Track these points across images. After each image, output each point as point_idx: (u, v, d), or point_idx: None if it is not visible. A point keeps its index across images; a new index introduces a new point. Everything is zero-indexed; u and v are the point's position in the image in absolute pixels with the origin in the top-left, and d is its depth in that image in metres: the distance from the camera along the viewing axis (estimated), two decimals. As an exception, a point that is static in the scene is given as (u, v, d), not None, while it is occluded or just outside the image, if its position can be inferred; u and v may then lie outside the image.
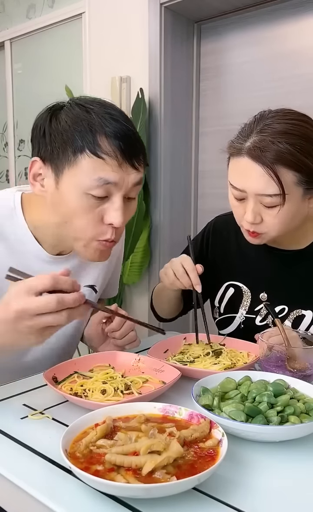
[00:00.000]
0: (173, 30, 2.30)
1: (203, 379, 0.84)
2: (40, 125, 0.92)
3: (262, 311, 1.16)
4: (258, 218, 1.00)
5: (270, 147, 0.94)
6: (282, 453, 0.70)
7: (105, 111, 0.90)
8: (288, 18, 2.11)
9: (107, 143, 0.88)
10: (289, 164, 0.94)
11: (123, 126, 0.89)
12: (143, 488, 0.55)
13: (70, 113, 0.90)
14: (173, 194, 2.43)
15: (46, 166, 0.92)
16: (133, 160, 0.91)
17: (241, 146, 0.98)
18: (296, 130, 0.96)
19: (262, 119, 1.00)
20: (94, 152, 0.87)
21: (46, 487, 0.61)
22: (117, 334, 1.03)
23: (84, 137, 0.87)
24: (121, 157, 0.88)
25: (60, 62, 2.74)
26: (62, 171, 0.90)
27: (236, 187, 1.00)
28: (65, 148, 0.88)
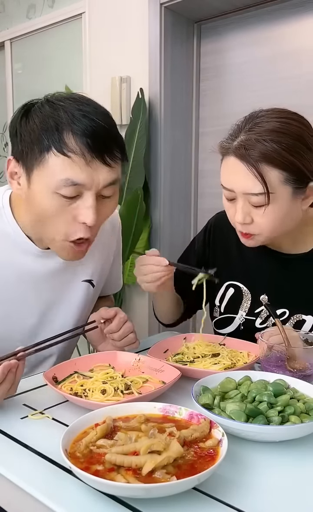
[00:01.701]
0: (173, 30, 2.30)
1: (203, 379, 0.84)
2: (12, 124, 0.93)
3: (263, 313, 1.16)
4: (247, 218, 1.00)
5: (255, 146, 0.94)
6: (282, 453, 0.70)
7: (76, 107, 0.88)
8: (288, 18, 2.11)
9: (74, 141, 0.86)
10: (274, 163, 0.93)
11: (93, 122, 0.87)
12: (143, 488, 0.55)
13: (39, 111, 0.89)
14: (173, 194, 2.43)
15: (19, 165, 0.92)
16: (105, 157, 0.88)
17: (229, 146, 0.99)
18: (284, 128, 0.95)
19: (251, 119, 1.00)
20: (60, 150, 0.86)
21: (46, 487, 0.61)
22: (116, 335, 1.03)
23: (50, 135, 0.86)
24: (89, 154, 0.86)
25: (60, 62, 2.74)
26: (32, 170, 0.90)
27: (225, 186, 1.01)
28: (32, 147, 0.88)
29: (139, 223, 2.27)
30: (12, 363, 0.80)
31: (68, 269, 1.11)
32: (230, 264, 1.22)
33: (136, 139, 2.28)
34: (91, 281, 1.16)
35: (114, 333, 1.03)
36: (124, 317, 1.04)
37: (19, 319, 1.08)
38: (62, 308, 1.13)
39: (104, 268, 1.21)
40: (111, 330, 1.03)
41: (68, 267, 1.10)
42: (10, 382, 0.80)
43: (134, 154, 2.29)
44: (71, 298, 1.13)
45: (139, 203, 2.24)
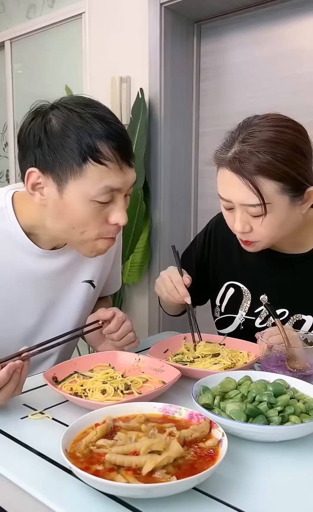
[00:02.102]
0: (173, 30, 2.30)
1: (203, 379, 0.84)
2: (34, 133, 0.91)
3: (262, 313, 1.16)
4: (247, 227, 1.00)
5: (249, 158, 0.93)
6: (282, 453, 0.70)
7: (94, 113, 0.90)
8: (288, 18, 2.11)
9: (107, 148, 0.89)
10: (269, 175, 0.93)
11: (115, 127, 0.91)
12: (143, 488, 0.55)
13: (63, 119, 0.89)
14: (173, 194, 2.43)
15: (45, 176, 0.92)
16: (130, 159, 0.93)
17: (223, 157, 0.98)
18: (278, 138, 0.94)
19: (245, 127, 0.99)
20: (97, 160, 0.88)
21: (46, 487, 0.61)
22: (115, 335, 1.03)
23: (83, 145, 0.88)
24: (121, 160, 0.90)
25: (60, 62, 2.74)
26: (66, 180, 0.90)
27: (222, 197, 1.01)
28: (65, 158, 0.88)
29: (139, 223, 2.27)
30: (17, 364, 0.80)
31: (69, 270, 1.11)
32: (231, 264, 1.22)
33: (136, 139, 2.28)
34: (92, 282, 1.16)
35: (113, 333, 1.03)
36: (122, 316, 1.04)
37: (20, 319, 1.08)
38: (63, 309, 1.13)
39: (105, 269, 1.21)
40: (110, 330, 1.03)
41: (69, 268, 1.10)
42: (16, 383, 0.80)
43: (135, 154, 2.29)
44: (72, 298, 1.13)
45: (139, 203, 2.24)
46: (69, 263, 1.09)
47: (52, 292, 1.10)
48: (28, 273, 1.05)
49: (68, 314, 1.14)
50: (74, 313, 1.14)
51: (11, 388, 0.80)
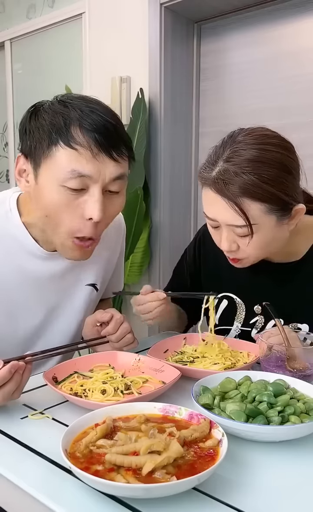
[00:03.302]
0: (173, 30, 2.30)
1: (203, 379, 0.84)
2: (22, 123, 0.93)
3: (258, 323, 1.15)
4: (233, 245, 0.99)
5: (234, 180, 0.91)
6: (282, 453, 0.70)
7: (85, 104, 0.90)
8: (288, 18, 2.11)
9: (82, 135, 0.87)
10: (254, 196, 0.91)
11: (101, 118, 0.89)
12: (143, 488, 0.55)
13: (49, 109, 0.91)
14: (173, 194, 2.43)
15: (28, 161, 0.93)
16: (112, 151, 0.89)
17: (207, 176, 0.96)
18: (263, 157, 0.91)
19: (229, 143, 0.96)
20: (67, 143, 0.87)
21: (46, 487, 0.61)
22: (114, 337, 1.03)
23: (58, 129, 0.88)
24: (96, 148, 0.88)
25: (60, 62, 2.74)
26: (39, 164, 0.91)
27: (208, 216, 0.99)
28: (41, 142, 0.89)
29: (139, 223, 2.27)
30: (20, 364, 0.80)
31: (73, 273, 1.10)
32: (222, 275, 1.21)
33: (136, 139, 2.28)
34: (95, 285, 1.16)
35: (112, 335, 1.03)
36: (120, 318, 1.03)
37: (22, 321, 1.08)
38: (65, 312, 1.12)
39: (108, 273, 1.21)
40: (108, 332, 1.03)
41: (73, 271, 1.10)
42: (16, 384, 0.79)
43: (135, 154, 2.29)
44: (75, 301, 1.13)
45: (139, 203, 2.24)
46: (73, 266, 1.09)
47: (55, 295, 1.10)
48: (32, 275, 1.04)
49: (70, 317, 1.14)
50: (76, 317, 1.14)
51: (11, 388, 0.79)
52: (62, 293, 1.11)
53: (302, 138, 2.18)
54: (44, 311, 1.09)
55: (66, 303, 1.12)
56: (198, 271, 1.27)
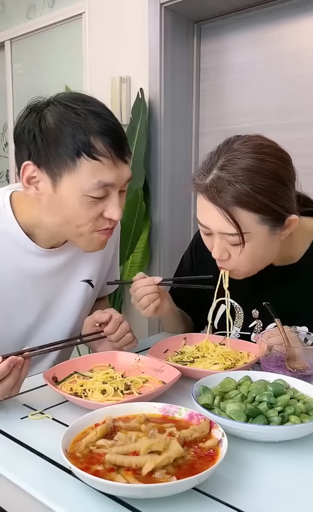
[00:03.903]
0: (173, 30, 2.30)
1: (203, 379, 0.84)
2: (29, 128, 0.92)
3: (256, 328, 1.15)
4: (224, 254, 0.98)
5: (227, 189, 0.90)
6: (282, 453, 0.70)
7: (90, 109, 0.91)
8: (288, 18, 2.11)
9: (102, 144, 0.89)
10: (247, 206, 0.90)
11: (111, 123, 0.91)
12: (143, 488, 0.55)
13: (57, 115, 0.90)
14: (173, 194, 2.43)
15: (41, 170, 0.92)
16: (124, 156, 0.93)
17: (201, 184, 0.96)
18: (258, 167, 0.90)
19: (224, 151, 0.95)
20: (92, 155, 0.89)
21: (46, 487, 0.61)
22: (113, 337, 1.03)
23: (77, 140, 0.88)
24: (115, 155, 0.91)
25: (60, 62, 2.74)
26: (60, 175, 0.91)
27: (201, 223, 1.00)
28: (59, 153, 0.89)
29: (139, 223, 2.27)
30: (18, 359, 0.80)
31: (68, 269, 1.11)
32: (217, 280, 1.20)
33: (136, 139, 2.28)
34: (90, 281, 1.16)
35: (111, 334, 1.03)
36: (119, 317, 1.04)
37: (18, 318, 1.08)
38: (61, 308, 1.13)
39: (103, 270, 1.21)
40: (108, 332, 1.03)
41: (67, 267, 1.10)
42: (15, 379, 0.80)
43: (134, 154, 2.29)
44: (70, 297, 1.13)
45: (139, 203, 2.24)
46: (67, 262, 1.09)
47: (50, 291, 1.10)
48: (27, 272, 1.05)
49: (66, 313, 1.14)
50: (72, 313, 1.14)
51: (10, 383, 0.79)
52: (57, 290, 1.11)
53: (302, 138, 2.19)
54: (39, 308, 1.09)
55: (62, 299, 1.12)
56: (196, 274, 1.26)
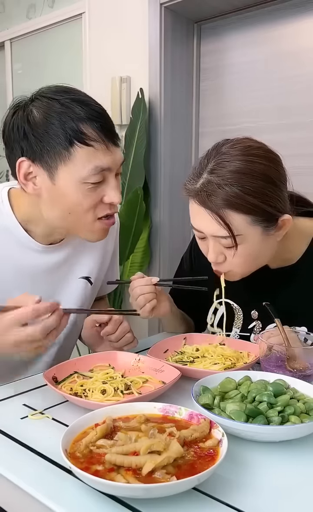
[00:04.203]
0: (173, 30, 2.30)
1: (203, 379, 0.84)
2: (18, 126, 0.92)
3: (256, 329, 1.15)
4: (220, 257, 0.99)
5: (217, 192, 0.91)
6: (282, 453, 0.70)
7: (73, 98, 0.92)
8: (288, 18, 2.11)
9: (91, 129, 0.91)
10: (237, 208, 0.91)
11: (96, 108, 0.93)
12: (143, 488, 0.55)
13: (44, 108, 0.92)
14: (173, 194, 2.43)
15: (36, 165, 0.93)
16: (114, 139, 0.95)
17: (191, 188, 0.96)
18: (247, 168, 0.91)
19: (214, 155, 0.96)
20: (84, 142, 0.90)
21: (46, 487, 0.61)
22: (113, 337, 1.03)
23: (67, 129, 0.89)
24: (106, 139, 0.92)
25: (60, 62, 2.74)
26: (56, 167, 0.91)
27: (194, 227, 1.00)
28: (52, 145, 0.90)
29: (139, 223, 2.27)
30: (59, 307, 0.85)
31: (66, 265, 1.11)
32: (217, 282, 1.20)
33: (136, 139, 2.28)
34: (89, 278, 1.16)
35: (111, 334, 1.03)
36: (119, 317, 1.04)
37: None
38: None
39: (102, 267, 1.21)
40: (108, 332, 1.03)
41: (66, 263, 1.10)
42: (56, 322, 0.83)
43: (134, 154, 2.29)
44: (69, 294, 1.13)
45: (139, 203, 2.24)
46: (66, 258, 1.10)
47: (49, 287, 1.10)
48: (25, 268, 1.05)
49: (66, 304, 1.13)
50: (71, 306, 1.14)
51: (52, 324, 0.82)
52: (56, 286, 1.11)
53: (302, 138, 2.19)
54: None
55: (60, 296, 1.12)
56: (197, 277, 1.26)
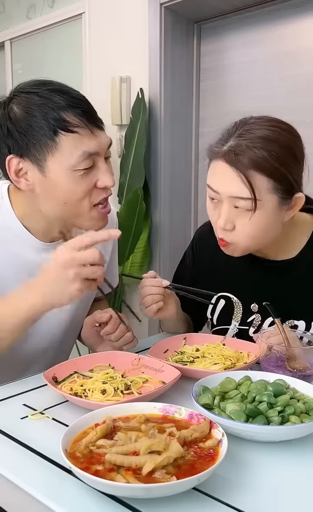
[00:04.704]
0: (173, 30, 2.30)
1: (203, 379, 0.84)
2: (1, 124, 0.93)
3: (255, 322, 1.15)
4: (229, 224, 0.99)
5: (246, 152, 0.93)
6: (282, 453, 0.70)
7: (51, 88, 0.93)
8: (288, 18, 2.11)
9: (73, 116, 0.91)
10: (263, 170, 0.93)
11: (74, 94, 0.94)
12: (143, 488, 0.55)
13: (23, 103, 0.92)
14: (172, 194, 2.43)
15: (24, 160, 0.93)
16: (97, 122, 0.95)
17: (218, 150, 0.98)
18: (274, 137, 0.95)
19: (242, 125, 0.99)
20: (67, 129, 0.90)
21: (46, 487, 0.61)
22: (113, 336, 1.03)
23: (50, 119, 0.90)
24: (89, 124, 0.92)
25: (60, 62, 2.74)
26: (44, 159, 0.92)
27: (211, 188, 1.00)
28: (37, 137, 0.91)
29: (139, 223, 2.27)
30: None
31: None
32: (218, 276, 1.21)
33: (136, 139, 2.28)
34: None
35: (111, 334, 1.03)
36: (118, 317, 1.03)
37: None
38: None
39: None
40: (107, 332, 1.03)
41: None
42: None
43: (134, 154, 2.29)
44: None
45: (139, 203, 2.25)
46: None
47: None
48: (26, 266, 1.04)
49: (63, 309, 1.13)
50: (70, 309, 1.13)
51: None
52: None
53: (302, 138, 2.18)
54: None
55: None
56: (197, 272, 1.27)
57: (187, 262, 1.30)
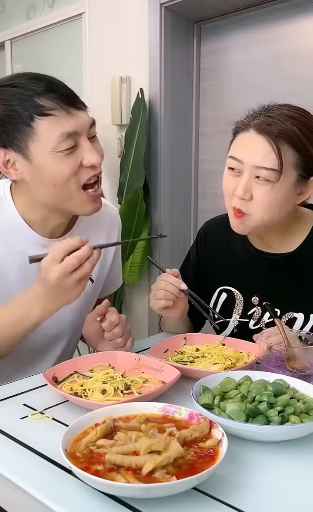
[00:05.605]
0: (173, 30, 2.30)
1: (203, 379, 0.84)
2: None
3: (255, 314, 1.16)
4: (247, 194, 1.00)
5: (278, 124, 0.98)
6: (282, 453, 0.70)
7: (27, 77, 0.94)
8: (288, 18, 2.11)
9: (48, 100, 0.92)
10: (291, 142, 0.97)
11: (52, 79, 0.95)
12: (143, 488, 0.55)
13: (1, 96, 0.93)
14: (172, 194, 2.43)
15: (9, 151, 0.95)
16: (75, 103, 0.95)
17: (248, 122, 1.02)
18: (301, 118, 1.00)
19: (269, 107, 1.04)
20: (42, 113, 0.91)
21: (46, 487, 0.61)
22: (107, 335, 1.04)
23: (27, 107, 0.91)
24: (65, 105, 0.93)
25: (60, 62, 2.74)
26: (27, 146, 0.93)
27: (235, 157, 1.01)
28: (16, 126, 0.92)
29: (139, 223, 2.28)
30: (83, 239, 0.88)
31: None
32: (220, 269, 1.23)
33: (136, 139, 2.28)
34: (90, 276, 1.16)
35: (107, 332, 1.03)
36: (115, 320, 1.02)
37: None
38: None
39: (103, 265, 1.21)
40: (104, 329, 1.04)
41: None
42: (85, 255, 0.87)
43: (134, 154, 2.29)
44: None
45: (139, 203, 2.25)
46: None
47: None
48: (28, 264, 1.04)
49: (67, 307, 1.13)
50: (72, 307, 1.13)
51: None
52: None
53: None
54: None
55: None
56: (201, 267, 1.28)
57: (191, 258, 1.32)
